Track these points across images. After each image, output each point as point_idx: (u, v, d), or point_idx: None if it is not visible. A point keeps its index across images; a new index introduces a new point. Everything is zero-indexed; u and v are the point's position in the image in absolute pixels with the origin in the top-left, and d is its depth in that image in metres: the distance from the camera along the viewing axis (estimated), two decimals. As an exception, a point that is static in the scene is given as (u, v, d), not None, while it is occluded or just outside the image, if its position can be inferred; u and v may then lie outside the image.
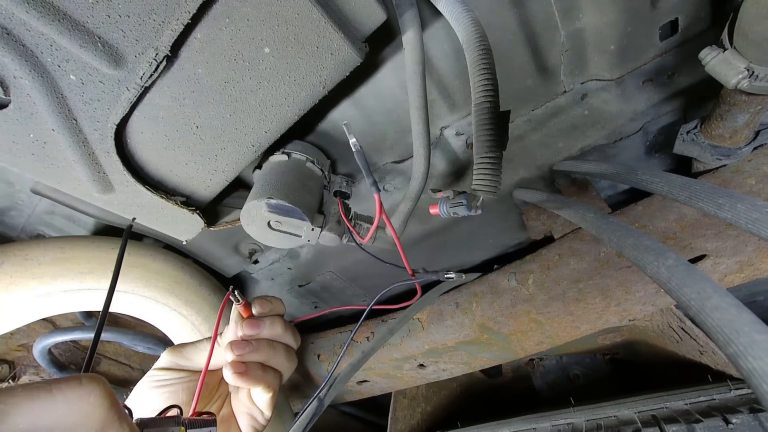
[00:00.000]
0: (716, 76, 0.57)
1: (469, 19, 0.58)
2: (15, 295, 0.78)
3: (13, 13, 0.44)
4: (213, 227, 0.81)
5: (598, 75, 0.77)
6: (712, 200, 0.39)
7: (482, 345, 1.06)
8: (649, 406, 0.96)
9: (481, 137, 0.59)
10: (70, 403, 0.29)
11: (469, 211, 0.69)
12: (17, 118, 0.53)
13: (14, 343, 1.25)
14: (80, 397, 0.29)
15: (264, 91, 0.56)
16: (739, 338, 0.27)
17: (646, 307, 0.89)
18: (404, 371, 1.23)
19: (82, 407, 0.29)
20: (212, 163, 0.66)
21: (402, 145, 0.86)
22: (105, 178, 0.63)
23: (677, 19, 0.66)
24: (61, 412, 0.28)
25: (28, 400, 0.27)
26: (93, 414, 0.29)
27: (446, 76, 0.75)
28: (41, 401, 0.28)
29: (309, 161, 0.78)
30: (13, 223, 0.97)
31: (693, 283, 0.32)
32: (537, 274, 0.93)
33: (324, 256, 1.18)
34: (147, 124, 0.58)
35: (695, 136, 0.76)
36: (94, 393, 0.30)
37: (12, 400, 0.27)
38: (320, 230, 0.72)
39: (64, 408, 0.28)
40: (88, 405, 0.29)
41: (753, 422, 0.79)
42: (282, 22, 0.50)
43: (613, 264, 0.85)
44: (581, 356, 1.52)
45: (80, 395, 0.29)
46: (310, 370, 1.32)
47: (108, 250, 0.85)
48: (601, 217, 0.49)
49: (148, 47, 0.48)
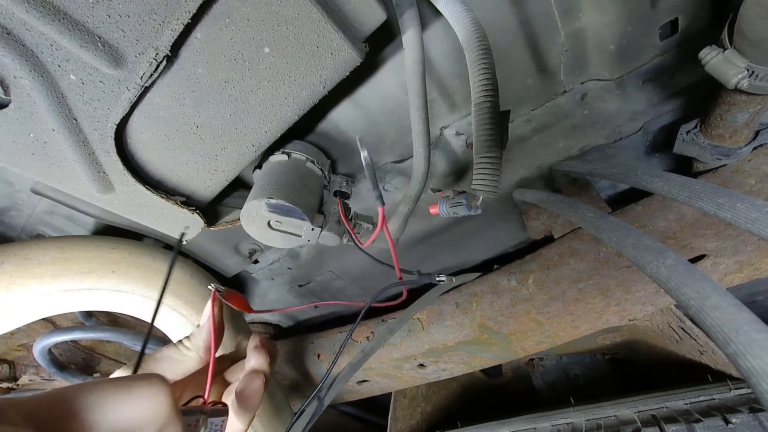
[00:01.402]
0: (716, 76, 0.57)
1: (469, 19, 0.58)
2: (15, 295, 0.78)
3: (14, 13, 0.44)
4: (213, 227, 0.81)
5: (598, 75, 0.77)
6: (711, 200, 0.39)
7: (482, 345, 1.06)
8: (649, 405, 0.96)
9: (481, 137, 0.59)
10: (146, 400, 0.31)
11: (469, 211, 0.69)
12: (17, 118, 0.53)
13: (14, 343, 1.24)
14: (153, 395, 0.31)
15: (264, 91, 0.57)
16: (739, 337, 0.27)
17: (646, 307, 0.90)
18: (404, 371, 1.23)
19: (153, 405, 0.31)
20: (212, 163, 0.66)
21: (402, 145, 0.86)
22: (105, 178, 0.63)
23: (677, 18, 0.66)
24: (137, 408, 0.30)
25: (115, 394, 0.30)
26: (161, 411, 0.32)
27: (446, 76, 0.75)
28: (125, 397, 0.30)
29: (309, 161, 0.78)
30: (13, 223, 0.97)
31: (692, 283, 0.32)
32: (537, 274, 0.93)
33: (324, 256, 1.18)
34: (147, 124, 0.58)
35: (695, 135, 0.76)
36: (163, 392, 0.32)
37: (104, 394, 0.29)
38: (320, 230, 0.72)
39: (140, 404, 0.31)
40: (158, 403, 0.32)
41: (753, 422, 0.79)
42: (282, 22, 0.50)
43: (613, 264, 0.85)
44: (581, 356, 1.52)
45: (153, 394, 0.31)
46: (310, 370, 1.32)
47: (108, 249, 0.85)
48: (601, 216, 0.49)
49: (148, 47, 0.48)
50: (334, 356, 1.26)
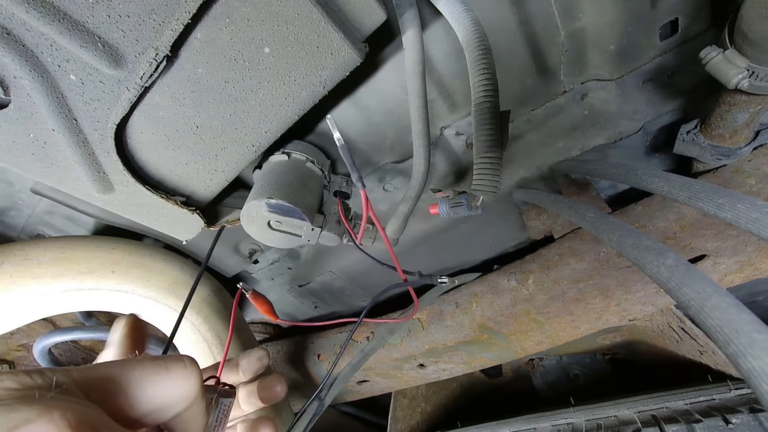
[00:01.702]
0: (716, 76, 0.57)
1: (469, 19, 0.58)
2: (15, 295, 0.78)
3: (13, 13, 0.44)
4: (213, 227, 0.81)
5: (598, 75, 0.77)
6: (712, 200, 0.39)
7: (482, 345, 1.06)
8: (649, 406, 0.96)
9: (481, 137, 0.59)
10: (181, 379, 0.34)
11: (469, 211, 0.69)
12: (17, 118, 0.53)
13: (14, 343, 1.24)
14: (187, 375, 0.34)
15: (264, 91, 0.56)
16: (739, 338, 0.27)
17: (646, 307, 0.90)
18: (404, 371, 1.23)
19: (185, 384, 0.34)
20: (212, 163, 0.66)
21: (402, 145, 0.86)
22: (105, 178, 0.63)
23: (677, 19, 0.66)
24: (170, 389, 0.33)
25: (155, 373, 0.32)
26: (192, 390, 0.34)
27: (446, 76, 0.75)
28: (164, 375, 0.33)
29: (309, 161, 0.78)
30: (13, 223, 0.97)
31: (693, 283, 0.32)
32: (537, 274, 0.93)
33: (324, 256, 1.18)
34: (147, 124, 0.58)
35: (695, 136, 0.76)
36: (195, 372, 0.35)
37: (145, 371, 0.32)
38: (320, 230, 0.72)
39: (174, 383, 0.33)
40: (189, 382, 0.34)
41: (753, 422, 0.79)
42: (282, 22, 0.50)
43: (613, 264, 0.85)
44: (581, 356, 1.52)
45: (187, 374, 0.34)
46: (310, 370, 1.32)
47: (108, 250, 0.85)
48: (601, 217, 0.49)
49: (148, 47, 0.48)
50: (334, 356, 1.26)
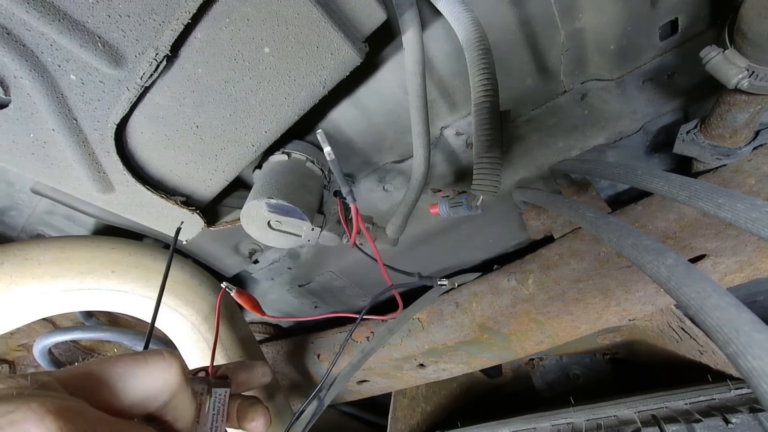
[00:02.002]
0: (716, 76, 0.57)
1: (469, 19, 0.58)
2: (15, 295, 0.78)
3: (14, 13, 0.44)
4: (213, 227, 0.81)
5: (598, 75, 0.77)
6: (711, 200, 0.39)
7: (482, 345, 1.06)
8: (649, 406, 0.96)
9: (481, 137, 0.59)
10: (160, 371, 0.35)
11: (469, 211, 0.70)
12: (17, 118, 0.53)
13: (14, 343, 1.25)
14: (166, 366, 0.35)
15: (264, 91, 0.57)
16: (739, 337, 0.27)
17: (646, 307, 0.89)
18: (404, 371, 1.23)
19: (166, 375, 0.35)
20: (212, 163, 0.66)
21: (402, 145, 0.86)
22: (105, 178, 0.63)
23: (677, 19, 0.66)
24: (152, 380, 0.35)
25: (135, 367, 0.34)
26: (173, 380, 0.36)
27: (446, 76, 0.75)
28: (143, 368, 0.34)
29: (309, 161, 0.78)
30: (13, 223, 0.97)
31: (692, 283, 0.32)
32: (537, 274, 0.93)
33: (324, 256, 1.18)
34: (147, 124, 0.58)
35: (695, 135, 0.76)
36: (175, 364, 0.36)
37: (126, 366, 0.34)
38: (320, 230, 0.72)
39: (155, 374, 0.35)
40: (170, 375, 0.35)
41: (753, 422, 0.79)
42: (282, 22, 0.50)
43: (613, 264, 0.85)
44: (581, 356, 1.52)
45: (165, 367, 0.35)
46: (310, 370, 1.32)
47: (108, 250, 0.85)
48: (600, 216, 0.49)
49: (148, 47, 0.48)
50: (334, 356, 1.26)
